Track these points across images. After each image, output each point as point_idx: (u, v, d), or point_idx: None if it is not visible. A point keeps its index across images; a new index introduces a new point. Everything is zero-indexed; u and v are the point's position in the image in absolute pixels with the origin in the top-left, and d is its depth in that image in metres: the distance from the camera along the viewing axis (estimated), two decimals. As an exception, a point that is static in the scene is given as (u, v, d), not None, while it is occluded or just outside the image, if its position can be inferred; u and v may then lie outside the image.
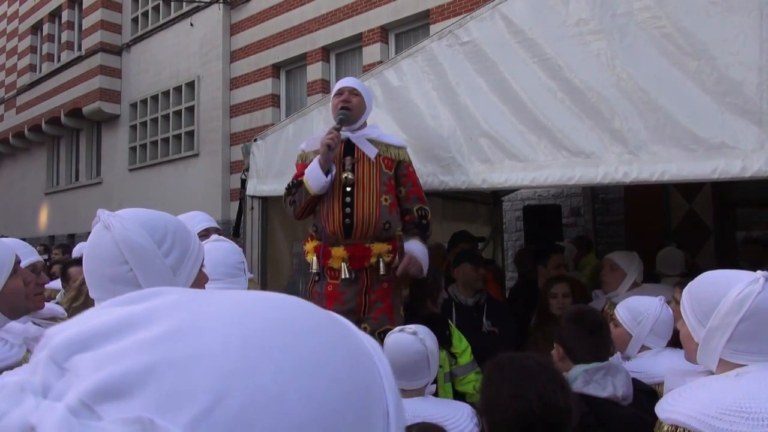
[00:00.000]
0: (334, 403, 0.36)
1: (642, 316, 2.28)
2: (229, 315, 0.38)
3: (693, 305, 1.42)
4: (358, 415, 0.37)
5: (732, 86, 2.19)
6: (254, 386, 0.34)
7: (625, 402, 1.93)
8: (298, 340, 0.38)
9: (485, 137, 2.93)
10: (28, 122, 16.34)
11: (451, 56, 3.06)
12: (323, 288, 2.82)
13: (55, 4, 15.86)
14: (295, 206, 2.87)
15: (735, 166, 2.17)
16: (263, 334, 0.37)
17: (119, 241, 1.16)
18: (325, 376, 0.37)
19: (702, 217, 6.35)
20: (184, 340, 0.35)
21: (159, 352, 0.34)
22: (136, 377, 0.33)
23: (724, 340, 1.30)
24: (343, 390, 0.37)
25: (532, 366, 1.51)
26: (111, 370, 0.33)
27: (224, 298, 0.40)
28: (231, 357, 0.35)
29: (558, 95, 2.66)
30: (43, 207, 16.50)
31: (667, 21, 2.35)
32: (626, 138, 2.46)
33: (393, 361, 2.02)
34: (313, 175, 2.76)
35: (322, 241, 2.83)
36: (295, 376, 0.35)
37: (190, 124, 12.04)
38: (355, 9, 9.40)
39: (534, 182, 2.78)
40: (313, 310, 0.43)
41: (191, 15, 12.07)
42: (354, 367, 0.39)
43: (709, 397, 1.22)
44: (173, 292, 0.40)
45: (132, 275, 1.16)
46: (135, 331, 0.36)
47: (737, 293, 1.30)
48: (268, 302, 0.41)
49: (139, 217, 1.21)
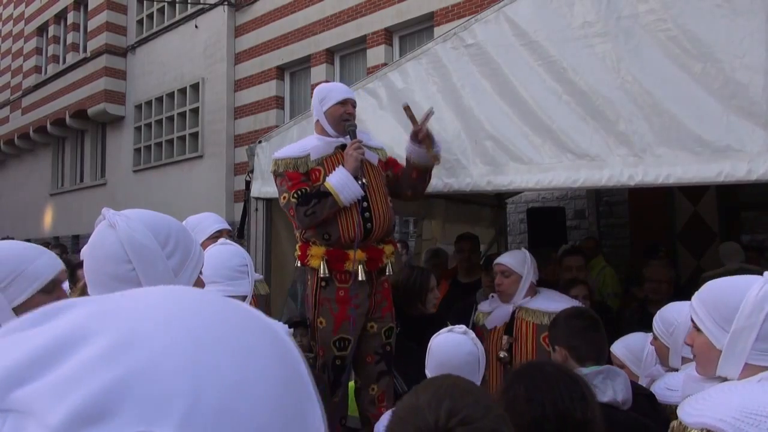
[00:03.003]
0: (280, 380, 0.38)
1: (672, 326, 2.11)
2: (160, 317, 0.37)
3: (711, 313, 1.41)
4: (295, 387, 0.40)
5: (738, 89, 2.19)
6: (221, 380, 0.35)
7: (625, 406, 1.91)
8: (233, 329, 0.39)
9: (490, 139, 2.92)
10: (33, 123, 16.39)
11: (455, 59, 3.06)
12: (334, 293, 2.81)
13: (61, 6, 15.92)
14: (314, 217, 2.73)
15: (740, 169, 2.16)
16: (203, 326, 0.38)
17: (124, 241, 1.16)
18: (268, 360, 0.39)
19: (707, 220, 6.33)
20: (135, 349, 0.34)
21: (118, 366, 0.33)
22: (109, 395, 0.32)
23: (752, 340, 1.30)
24: (282, 369, 0.39)
25: (550, 372, 1.49)
26: (80, 395, 0.32)
27: (139, 300, 0.40)
28: (189, 357, 0.35)
29: (563, 98, 2.66)
30: (47, 208, 16.54)
31: (672, 23, 2.35)
32: (631, 140, 2.45)
33: (443, 362, 1.96)
34: (346, 189, 2.70)
35: (333, 246, 2.81)
36: (249, 364, 0.37)
37: (194, 126, 12.06)
38: (359, 11, 9.41)
39: (538, 185, 2.78)
40: (216, 296, 0.44)
41: (196, 17, 12.09)
42: (277, 346, 0.41)
43: (739, 401, 1.20)
44: (81, 304, 0.38)
45: (134, 275, 1.16)
46: (74, 352, 0.34)
47: (757, 292, 1.30)
48: (181, 297, 0.41)
49: (144, 217, 1.22)
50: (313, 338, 2.90)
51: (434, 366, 2.00)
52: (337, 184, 2.70)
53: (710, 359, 1.40)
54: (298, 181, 2.80)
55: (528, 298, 2.97)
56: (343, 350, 2.82)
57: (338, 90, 2.94)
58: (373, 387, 2.92)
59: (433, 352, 2.02)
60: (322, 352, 2.84)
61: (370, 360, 2.92)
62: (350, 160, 2.74)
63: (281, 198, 2.86)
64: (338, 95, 2.88)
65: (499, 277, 3.00)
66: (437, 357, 1.99)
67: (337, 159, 2.86)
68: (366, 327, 2.92)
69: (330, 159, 2.86)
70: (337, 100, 2.87)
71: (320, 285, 2.84)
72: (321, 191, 2.72)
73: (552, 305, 2.90)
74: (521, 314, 2.96)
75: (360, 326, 2.88)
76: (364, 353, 2.93)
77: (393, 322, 2.98)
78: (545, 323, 2.85)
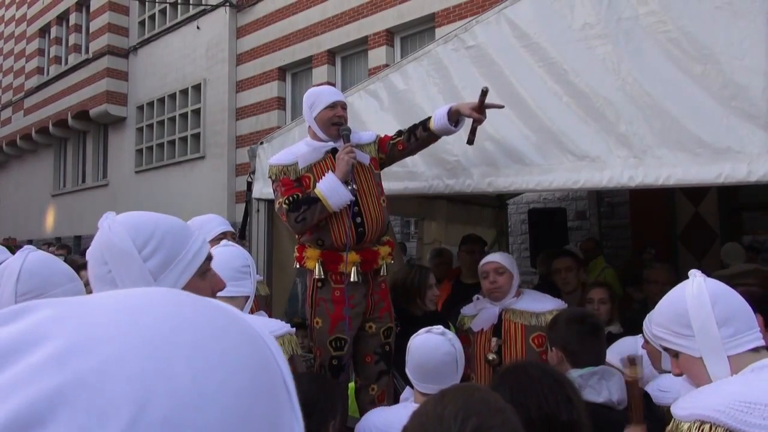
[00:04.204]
0: (247, 390, 0.36)
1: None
2: (119, 320, 0.36)
3: (672, 329, 1.43)
4: (267, 397, 0.38)
5: (737, 90, 2.19)
6: (173, 387, 0.33)
7: (621, 406, 1.92)
8: (197, 332, 0.37)
9: (491, 141, 2.93)
10: (36, 124, 16.43)
11: (456, 60, 3.07)
12: (330, 294, 2.83)
13: (63, 7, 15.97)
14: (305, 224, 2.74)
15: (741, 170, 2.17)
16: (163, 333, 0.36)
17: (101, 243, 1.20)
18: (234, 365, 0.37)
19: (708, 220, 6.34)
20: (85, 354, 0.33)
21: (63, 372, 0.32)
22: (46, 404, 0.30)
23: (716, 330, 1.34)
24: (251, 375, 0.37)
25: (535, 375, 1.49)
26: (14, 402, 0.30)
27: (104, 303, 0.39)
28: (141, 362, 0.33)
29: (563, 99, 2.67)
30: (49, 209, 16.58)
31: (672, 25, 2.35)
32: (632, 142, 2.46)
33: (421, 364, 1.97)
34: (335, 194, 2.69)
35: (326, 249, 2.83)
36: (208, 370, 0.35)
37: (196, 127, 12.08)
38: (360, 12, 9.42)
39: (539, 186, 2.79)
40: (195, 298, 0.42)
41: (198, 18, 12.12)
42: (251, 348, 0.39)
43: (732, 391, 1.21)
44: (45, 306, 0.37)
45: (111, 276, 1.19)
46: (22, 356, 0.33)
47: (692, 290, 1.40)
48: (149, 299, 0.40)
49: (129, 219, 1.23)
50: (311, 339, 2.92)
51: (412, 366, 2.03)
52: (326, 190, 2.70)
53: (701, 372, 1.39)
54: (290, 188, 2.80)
55: (514, 298, 2.98)
56: (340, 350, 2.83)
57: (326, 94, 2.91)
58: (373, 387, 2.94)
59: (411, 353, 2.04)
60: (319, 353, 2.85)
61: (369, 360, 2.94)
62: (341, 164, 2.74)
63: (276, 204, 2.87)
64: (327, 99, 2.86)
65: (493, 275, 2.98)
66: (415, 357, 2.01)
67: (326, 164, 2.85)
68: (364, 327, 2.93)
69: (320, 165, 2.85)
70: (326, 105, 2.84)
71: (316, 285, 2.86)
72: (310, 197, 2.72)
73: (538, 305, 2.92)
74: (508, 315, 2.94)
75: (357, 326, 2.90)
76: (363, 353, 2.95)
77: (392, 322, 3.00)
78: (533, 323, 2.87)
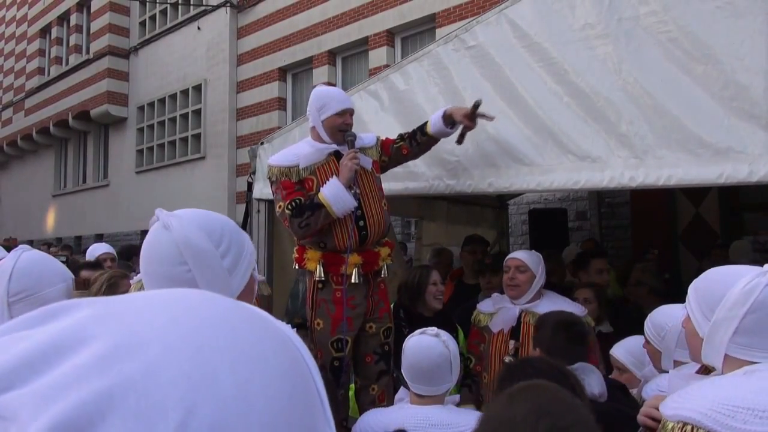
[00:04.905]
0: (287, 395, 0.36)
1: (664, 330, 2.07)
2: (160, 321, 0.36)
3: (699, 300, 1.41)
4: (303, 403, 0.38)
5: (738, 91, 2.19)
6: (218, 393, 0.33)
7: (602, 399, 1.96)
8: (237, 336, 0.37)
9: (491, 141, 2.93)
10: (36, 125, 16.44)
11: (457, 60, 3.07)
12: (331, 295, 2.84)
13: (64, 7, 15.97)
14: (308, 229, 2.73)
15: (742, 170, 2.17)
16: (204, 336, 0.36)
17: (179, 242, 1.16)
18: (273, 372, 0.37)
19: (709, 221, 6.33)
20: (131, 356, 0.33)
21: (110, 374, 0.32)
22: (95, 406, 0.30)
23: (730, 333, 1.28)
24: (290, 382, 0.37)
25: (541, 367, 1.54)
26: (64, 405, 0.30)
27: (142, 303, 0.38)
28: (185, 365, 0.33)
29: (564, 99, 2.67)
30: (50, 209, 16.58)
31: (673, 25, 2.35)
32: (632, 142, 2.46)
33: (414, 365, 1.99)
34: (339, 201, 2.68)
35: (328, 251, 2.82)
36: (252, 376, 0.35)
37: (196, 127, 12.08)
38: (361, 12, 9.42)
39: (540, 186, 2.79)
40: (229, 300, 0.42)
41: (198, 18, 12.12)
42: (288, 356, 0.39)
43: (718, 394, 1.17)
44: (84, 306, 0.37)
45: (190, 276, 1.16)
46: (67, 356, 0.33)
47: (743, 285, 1.27)
48: (186, 300, 0.40)
49: (197, 217, 1.22)
50: (312, 340, 2.91)
51: (406, 367, 2.04)
52: (330, 196, 2.69)
53: (695, 346, 1.39)
54: (291, 191, 2.77)
55: (536, 301, 2.94)
56: (341, 351, 2.84)
57: (337, 100, 2.86)
58: (374, 387, 2.94)
59: (405, 354, 2.05)
60: (320, 354, 2.85)
61: (370, 360, 2.95)
62: (345, 170, 2.73)
63: (277, 207, 2.84)
64: (338, 106, 2.83)
65: (513, 272, 2.93)
66: (409, 358, 2.02)
67: (329, 167, 2.83)
68: (365, 327, 2.94)
69: (323, 167, 2.84)
70: (336, 111, 2.82)
71: (317, 287, 2.86)
72: (315, 203, 2.71)
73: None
74: (528, 318, 2.89)
75: (358, 327, 2.90)
76: (363, 353, 2.95)
77: (391, 323, 3.01)
78: None
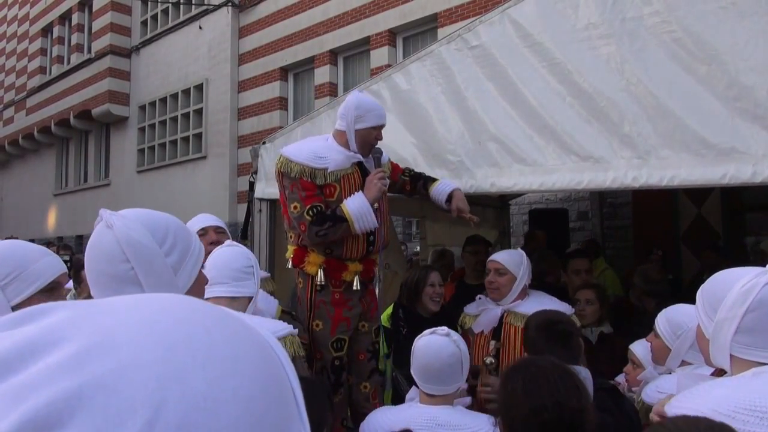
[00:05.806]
0: (259, 397, 0.37)
1: (682, 329, 2.02)
2: (135, 324, 0.37)
3: (704, 302, 1.44)
4: (277, 404, 0.38)
5: (742, 91, 2.18)
6: (188, 392, 0.34)
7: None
8: (211, 338, 0.38)
9: (494, 141, 2.92)
10: (38, 124, 16.45)
11: (459, 60, 3.06)
12: (330, 296, 2.85)
13: (66, 7, 15.98)
14: (325, 238, 2.70)
15: (745, 171, 2.16)
16: (178, 338, 0.36)
17: (121, 240, 1.16)
18: (246, 373, 0.37)
19: (711, 222, 6.32)
20: (102, 356, 0.33)
21: (80, 373, 0.32)
22: (65, 404, 0.31)
23: (731, 332, 1.30)
24: (262, 382, 0.38)
25: (545, 366, 1.57)
26: (34, 402, 0.31)
27: (119, 306, 0.39)
28: (157, 366, 0.34)
29: (567, 99, 2.66)
30: (51, 208, 16.59)
31: (677, 25, 2.34)
32: (635, 143, 2.45)
33: (426, 365, 2.02)
34: (363, 219, 2.68)
35: (333, 258, 2.83)
36: (222, 376, 0.36)
37: (198, 127, 12.09)
38: (363, 12, 9.42)
39: (542, 187, 2.78)
40: (206, 305, 0.42)
41: (200, 18, 12.13)
42: (262, 357, 0.40)
43: (721, 393, 1.18)
44: (61, 308, 0.38)
45: (133, 274, 1.16)
46: (41, 356, 0.33)
47: (743, 285, 1.30)
48: (162, 304, 0.40)
49: (140, 216, 1.22)
50: (310, 341, 2.90)
51: (417, 367, 2.04)
52: (355, 212, 2.66)
53: (705, 349, 1.41)
54: (312, 194, 2.70)
55: (518, 301, 2.89)
56: (340, 351, 2.88)
57: (377, 114, 2.81)
58: (366, 384, 2.99)
59: (415, 354, 2.05)
60: (320, 355, 2.86)
61: (363, 357, 2.99)
62: (374, 189, 2.71)
63: (291, 206, 2.74)
64: (376, 120, 2.79)
65: (493, 275, 2.91)
66: (420, 358, 2.03)
67: (353, 178, 2.79)
68: (358, 326, 2.99)
69: (348, 177, 2.78)
70: (374, 125, 2.79)
71: (315, 288, 2.86)
72: (337, 215, 2.67)
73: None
74: (509, 319, 2.86)
75: (354, 327, 2.96)
76: (356, 351, 2.99)
77: (378, 321, 3.08)
78: None
